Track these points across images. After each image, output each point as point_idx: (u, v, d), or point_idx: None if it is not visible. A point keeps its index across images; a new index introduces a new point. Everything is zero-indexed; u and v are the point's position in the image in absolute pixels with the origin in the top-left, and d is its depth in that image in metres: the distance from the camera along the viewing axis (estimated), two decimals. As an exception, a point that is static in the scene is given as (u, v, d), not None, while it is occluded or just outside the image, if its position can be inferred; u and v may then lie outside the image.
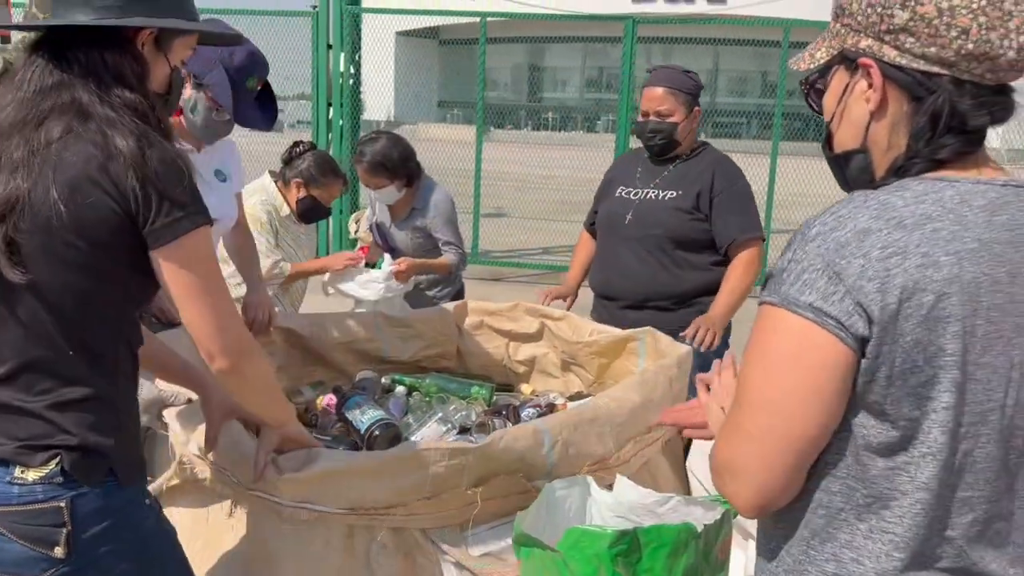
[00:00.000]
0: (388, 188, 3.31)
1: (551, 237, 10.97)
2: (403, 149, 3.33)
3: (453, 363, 2.90)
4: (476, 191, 8.56)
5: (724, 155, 2.94)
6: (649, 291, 2.90)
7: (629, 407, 1.91)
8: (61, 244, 1.29)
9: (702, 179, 2.84)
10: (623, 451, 1.88)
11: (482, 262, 8.63)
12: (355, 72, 8.03)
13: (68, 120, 1.30)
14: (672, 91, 2.80)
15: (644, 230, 2.88)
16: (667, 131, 2.82)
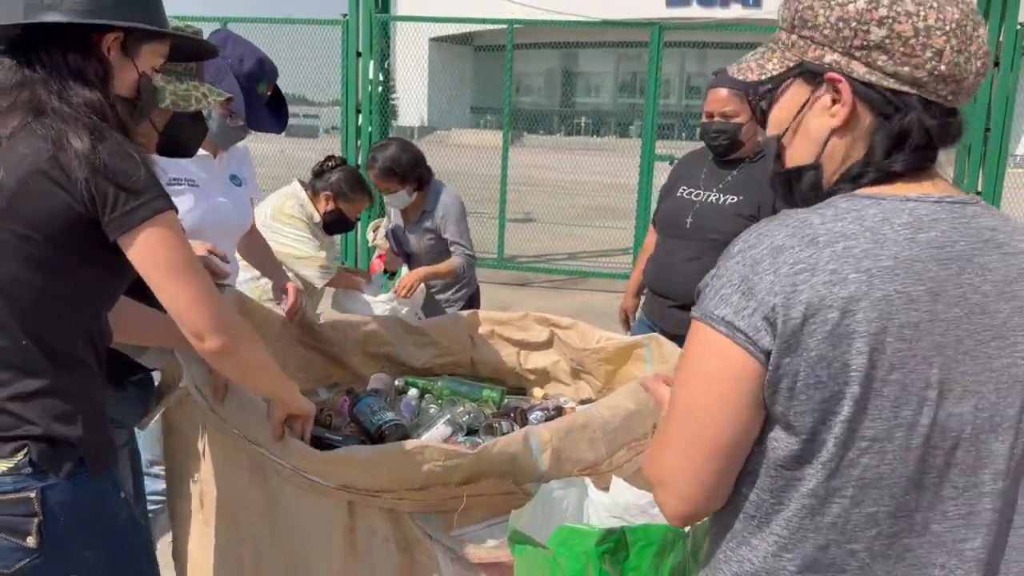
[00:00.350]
0: (399, 192, 3.45)
1: (578, 242, 11.01)
2: (412, 154, 3.47)
3: (466, 370, 2.97)
4: (502, 196, 8.63)
5: None
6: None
7: (623, 414, 1.96)
8: (13, 237, 1.32)
9: (765, 187, 2.88)
10: (615, 457, 1.94)
11: (508, 267, 8.70)
12: (384, 79, 8.14)
13: (23, 116, 1.33)
14: (737, 92, 2.79)
15: (703, 233, 2.90)
16: (731, 132, 2.83)
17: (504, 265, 8.58)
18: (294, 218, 3.23)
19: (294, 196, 3.30)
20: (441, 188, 3.59)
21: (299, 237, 3.23)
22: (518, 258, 9.66)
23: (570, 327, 2.87)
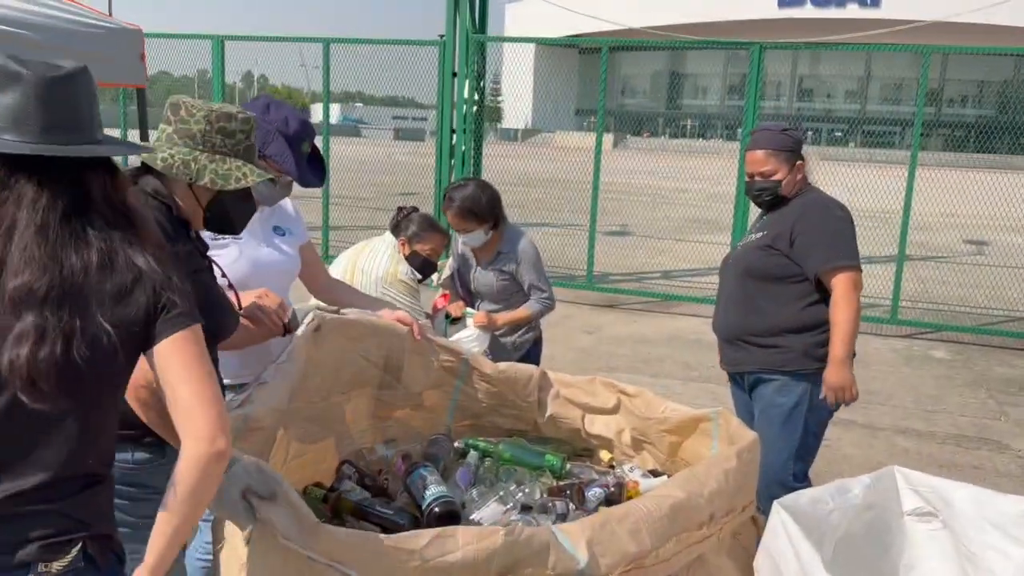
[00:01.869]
0: (476, 232, 3.49)
1: (674, 259, 10.79)
2: (491, 195, 3.50)
3: (529, 428, 2.94)
4: (593, 212, 8.48)
5: (820, 195, 3.12)
6: (738, 328, 3.17)
7: (669, 503, 1.90)
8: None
9: (787, 219, 3.05)
10: (662, 549, 1.87)
11: (597, 288, 8.58)
12: (479, 99, 8.18)
13: None
14: (772, 152, 3.05)
15: (736, 269, 3.20)
16: (772, 189, 3.08)
17: (593, 286, 8.47)
18: (407, 285, 3.41)
19: (403, 260, 3.45)
20: (517, 231, 3.62)
21: (412, 305, 3.38)
22: (610, 276, 9.54)
23: (636, 395, 2.79)
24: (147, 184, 1.90)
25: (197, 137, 1.90)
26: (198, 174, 1.87)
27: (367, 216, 12.72)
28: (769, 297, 3.08)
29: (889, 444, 4.95)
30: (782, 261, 3.03)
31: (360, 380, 2.66)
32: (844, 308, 2.92)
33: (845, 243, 2.99)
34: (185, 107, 1.91)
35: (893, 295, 7.66)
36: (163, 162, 1.86)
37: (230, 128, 1.93)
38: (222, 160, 1.92)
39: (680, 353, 6.65)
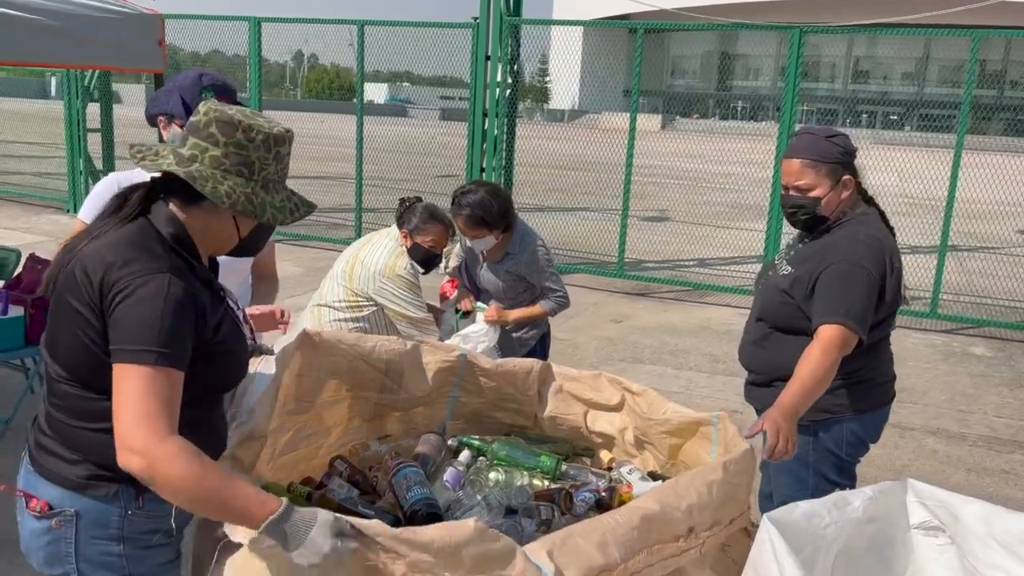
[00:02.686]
0: (487, 237, 3.40)
1: (712, 247, 10.62)
2: (502, 201, 3.40)
3: (529, 423, 2.89)
4: (625, 196, 8.34)
5: (855, 232, 2.58)
6: (748, 361, 2.87)
7: (640, 515, 1.85)
8: None
9: (813, 260, 2.60)
10: (632, 561, 1.81)
11: (628, 276, 8.47)
12: (512, 83, 8.10)
13: None
14: (811, 163, 2.55)
15: (758, 301, 2.83)
16: (809, 207, 2.58)
17: (623, 274, 8.35)
18: (405, 280, 3.31)
19: (404, 254, 3.36)
20: (527, 232, 3.52)
21: (411, 300, 3.32)
22: (643, 263, 9.42)
23: (640, 393, 2.72)
24: (163, 224, 1.70)
25: (255, 166, 1.70)
26: (260, 210, 1.69)
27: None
28: (777, 342, 2.72)
29: (917, 445, 4.80)
30: (794, 311, 2.62)
31: (361, 383, 2.64)
32: (819, 360, 2.41)
33: (852, 299, 2.48)
34: (243, 129, 1.67)
35: (934, 287, 7.43)
36: (228, 199, 1.65)
37: (283, 152, 1.76)
38: (275, 190, 1.75)
39: (708, 345, 6.53)
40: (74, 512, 1.67)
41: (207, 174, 1.65)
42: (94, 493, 1.67)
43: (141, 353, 1.50)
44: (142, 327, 1.52)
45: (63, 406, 1.68)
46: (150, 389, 1.48)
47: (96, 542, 1.69)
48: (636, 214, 13.15)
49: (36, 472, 1.71)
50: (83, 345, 1.59)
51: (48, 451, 1.70)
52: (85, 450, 1.66)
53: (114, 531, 1.69)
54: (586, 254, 9.25)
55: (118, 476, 1.60)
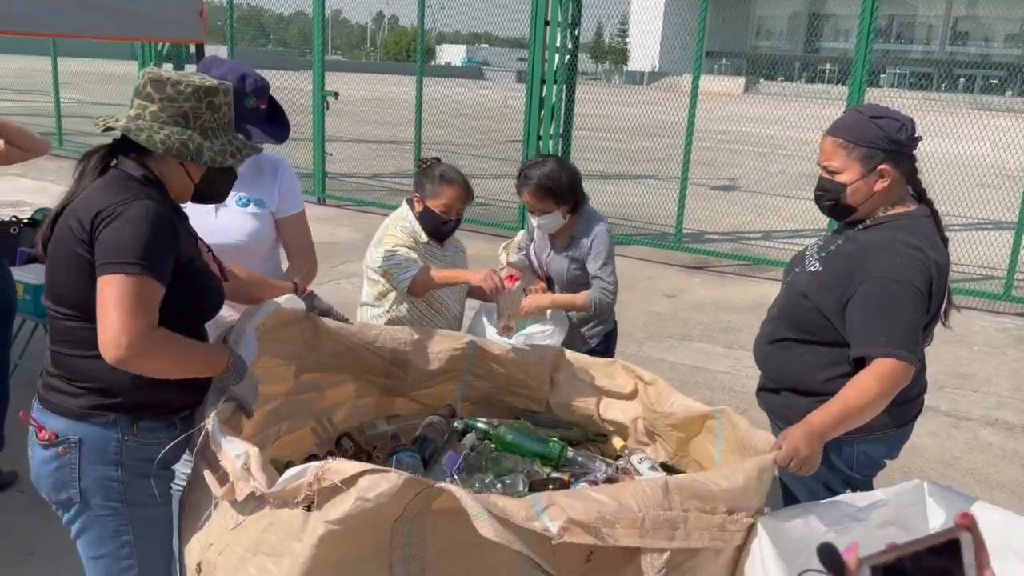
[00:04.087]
0: (553, 213, 3.20)
1: (780, 219, 10.31)
2: (571, 174, 3.20)
3: (541, 408, 2.86)
4: (685, 165, 8.09)
5: (891, 240, 2.27)
6: (759, 361, 2.62)
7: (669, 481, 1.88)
8: None
9: (846, 267, 2.31)
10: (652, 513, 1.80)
11: (685, 248, 8.28)
12: (572, 49, 7.94)
13: None
14: (843, 143, 2.29)
15: (780, 297, 2.54)
16: (833, 192, 2.33)
17: (681, 246, 8.16)
18: (393, 236, 3.00)
19: (402, 218, 3.09)
20: (594, 216, 3.30)
21: (393, 253, 2.98)
22: (705, 234, 9.20)
23: (651, 383, 2.66)
24: (132, 169, 1.89)
25: (188, 116, 1.88)
26: (197, 153, 1.88)
27: (469, 164, 12.72)
28: (789, 347, 2.45)
29: (972, 436, 4.59)
30: (817, 319, 2.35)
31: (366, 368, 2.64)
32: (859, 392, 2.15)
33: (903, 323, 2.18)
34: (171, 84, 1.87)
35: (1009, 267, 7.05)
36: (162, 144, 1.84)
37: (217, 102, 1.92)
38: (214, 136, 1.93)
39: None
40: (78, 439, 1.87)
41: (144, 126, 1.86)
42: (95, 421, 1.87)
43: (122, 264, 1.71)
44: (123, 243, 1.73)
45: (66, 340, 1.87)
46: (130, 293, 1.70)
47: (97, 467, 1.89)
48: (704, 182, 12.87)
49: (45, 408, 1.92)
50: (84, 281, 1.78)
51: (54, 388, 1.90)
52: (87, 378, 1.86)
53: (112, 456, 1.89)
54: (646, 224, 9.07)
55: (116, 405, 1.87)
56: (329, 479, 1.64)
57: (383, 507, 1.61)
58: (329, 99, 9.60)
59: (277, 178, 2.71)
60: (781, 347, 2.50)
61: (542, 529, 1.65)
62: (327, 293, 6.86)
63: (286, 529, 1.71)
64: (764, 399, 2.61)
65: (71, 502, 1.92)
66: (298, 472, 1.68)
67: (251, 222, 2.66)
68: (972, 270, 7.89)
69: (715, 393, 4.98)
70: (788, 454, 2.12)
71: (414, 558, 1.74)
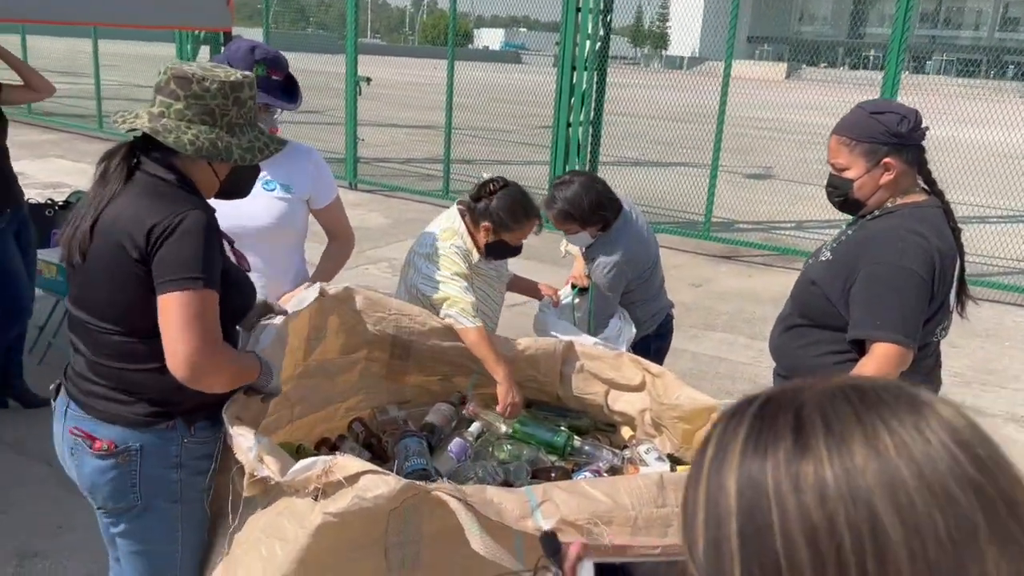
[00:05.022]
0: (581, 234, 3.17)
1: (814, 208, 10.15)
2: (595, 195, 3.10)
3: (552, 400, 2.89)
4: (715, 152, 7.97)
5: (896, 227, 2.33)
6: (774, 349, 2.67)
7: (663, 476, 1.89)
8: None
9: (850, 256, 2.39)
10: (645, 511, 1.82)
11: (714, 238, 8.22)
12: (604, 35, 7.91)
13: None
14: (846, 141, 2.36)
15: (794, 289, 2.60)
16: (841, 188, 2.41)
17: (709, 235, 8.10)
18: (448, 258, 2.84)
19: (454, 233, 2.88)
20: (615, 239, 3.15)
21: (445, 279, 2.82)
22: (736, 224, 9.13)
23: (659, 376, 2.68)
24: (162, 172, 1.84)
25: (215, 113, 1.84)
26: (227, 153, 1.85)
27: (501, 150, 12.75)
28: (801, 335, 2.52)
29: (995, 433, 4.51)
30: (825, 305, 2.41)
31: (374, 343, 2.69)
32: None
33: (900, 307, 2.25)
34: (197, 81, 1.82)
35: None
36: (192, 146, 1.80)
37: (243, 97, 1.89)
38: (240, 132, 1.90)
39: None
40: (139, 447, 1.87)
41: (171, 126, 1.81)
42: (155, 428, 1.88)
43: (187, 280, 1.71)
44: (185, 258, 1.72)
45: (111, 354, 1.84)
46: (197, 312, 1.71)
47: (159, 471, 1.90)
48: (738, 170, 12.76)
49: (92, 417, 1.88)
50: (131, 296, 1.77)
51: (100, 396, 1.87)
52: (139, 390, 1.85)
53: (174, 459, 1.91)
54: (676, 213, 9.03)
55: (173, 410, 1.88)
56: (335, 474, 1.70)
57: (380, 506, 1.66)
58: (362, 84, 9.66)
59: (310, 166, 2.77)
60: (793, 335, 2.55)
61: (535, 529, 1.68)
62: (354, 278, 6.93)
63: (295, 516, 1.77)
64: (775, 380, 2.65)
65: (132, 507, 1.93)
66: (309, 464, 1.73)
67: (277, 205, 2.70)
68: (1012, 264, 7.75)
69: (736, 383, 4.98)
70: None
71: (409, 543, 1.80)
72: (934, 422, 0.58)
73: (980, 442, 0.59)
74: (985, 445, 0.59)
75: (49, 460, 3.54)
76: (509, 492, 1.75)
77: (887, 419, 0.57)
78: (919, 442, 0.56)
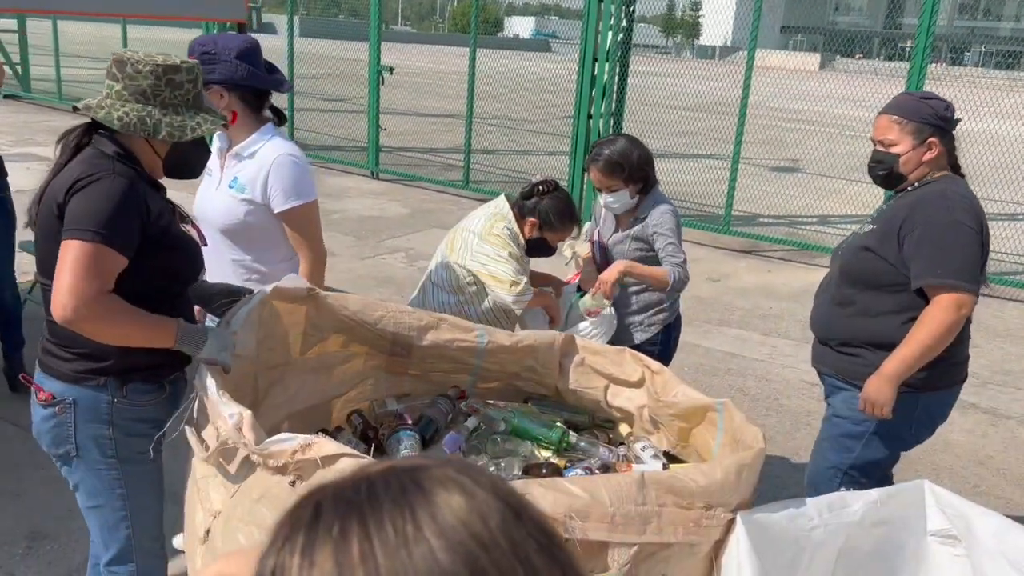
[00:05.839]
0: (622, 192, 3.16)
1: (839, 203, 10.05)
2: (642, 152, 3.17)
3: (551, 393, 2.90)
4: (736, 145, 7.87)
5: (948, 188, 2.60)
6: (825, 329, 2.85)
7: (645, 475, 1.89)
8: None
9: (898, 215, 2.62)
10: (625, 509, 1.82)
11: (734, 232, 8.14)
12: (627, 25, 7.85)
13: None
14: (898, 120, 2.64)
15: (836, 264, 2.83)
16: (888, 162, 2.66)
17: (729, 230, 8.03)
18: (500, 238, 3.05)
19: (503, 217, 3.11)
20: (660, 197, 3.25)
21: (500, 258, 3.05)
22: (759, 217, 9.05)
23: (658, 373, 2.68)
24: (105, 146, 1.99)
25: (148, 93, 1.98)
26: (155, 129, 1.98)
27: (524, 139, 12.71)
28: (863, 304, 2.68)
29: (1009, 435, 4.47)
30: (882, 266, 2.61)
31: (369, 343, 2.70)
32: (928, 327, 2.48)
33: (960, 256, 2.48)
34: (131, 63, 1.97)
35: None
36: (119, 121, 1.96)
37: (178, 80, 2.01)
38: (174, 112, 2.02)
39: (805, 311, 6.15)
40: (72, 400, 2.05)
41: (106, 104, 1.98)
42: (86, 384, 2.04)
43: (82, 231, 1.83)
44: (88, 212, 1.85)
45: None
46: (84, 260, 1.82)
47: (91, 425, 2.06)
48: (764, 163, 12.63)
49: (42, 371, 2.09)
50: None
51: (49, 353, 2.08)
52: (76, 345, 2.01)
53: (104, 416, 2.06)
54: (697, 206, 8.97)
55: (104, 369, 2.03)
56: (311, 453, 1.72)
57: None
58: (384, 73, 9.67)
59: (264, 170, 2.68)
60: (848, 306, 2.74)
61: None
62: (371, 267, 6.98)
63: (274, 503, 1.79)
64: (839, 364, 2.77)
65: (69, 456, 2.10)
66: (286, 438, 1.76)
67: (236, 206, 2.71)
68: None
69: (747, 380, 4.95)
70: (865, 407, 2.59)
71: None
72: (428, 527, 0.57)
73: (482, 542, 0.57)
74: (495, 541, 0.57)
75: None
76: None
77: (382, 521, 0.57)
78: (405, 550, 0.56)
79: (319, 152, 10.49)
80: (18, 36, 14.17)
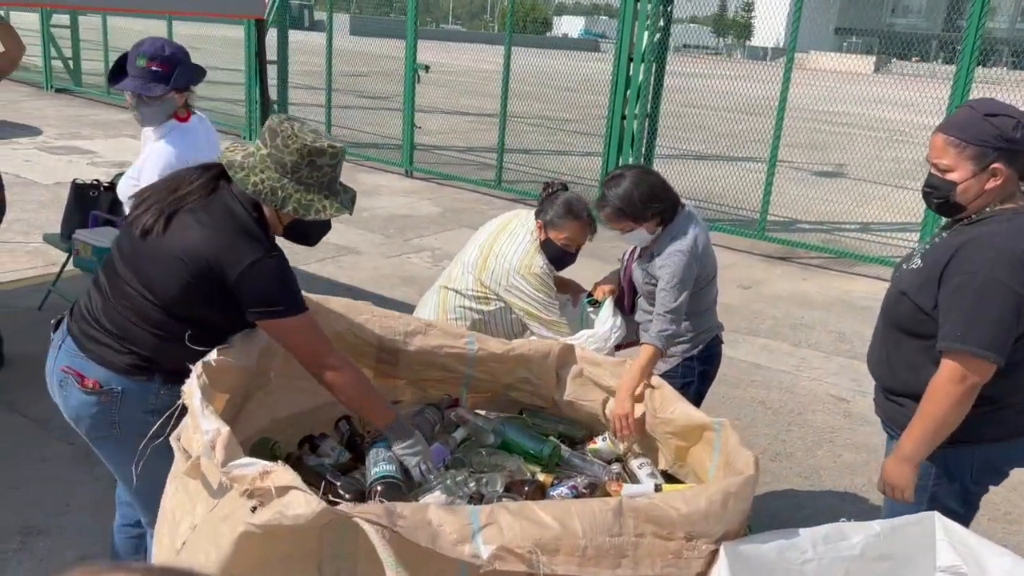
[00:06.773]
0: (637, 231, 2.96)
1: (884, 209, 9.74)
2: (647, 188, 2.91)
3: (547, 405, 2.80)
4: (774, 149, 7.63)
5: (992, 235, 2.19)
6: (874, 368, 2.53)
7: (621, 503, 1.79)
8: None
9: (943, 259, 2.25)
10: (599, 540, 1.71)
11: (769, 238, 7.90)
12: (664, 25, 7.70)
13: None
14: (955, 142, 2.21)
15: (885, 302, 2.47)
16: (942, 190, 2.25)
17: (764, 235, 7.81)
18: (539, 278, 3.07)
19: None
20: (681, 231, 2.94)
21: (542, 301, 3.09)
22: (796, 223, 8.80)
23: (658, 387, 2.57)
24: (242, 196, 2.12)
25: (288, 167, 2.09)
26: (283, 202, 2.10)
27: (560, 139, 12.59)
28: (907, 352, 2.37)
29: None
30: (920, 316, 2.28)
31: (355, 352, 2.62)
32: (934, 400, 2.20)
33: (987, 322, 2.13)
34: (283, 136, 2.08)
35: None
36: (254, 187, 2.08)
37: (319, 163, 2.11)
38: (306, 191, 2.12)
39: (838, 320, 6.05)
40: (121, 390, 2.16)
41: (247, 165, 2.10)
42: (135, 377, 2.16)
43: (286, 311, 2.08)
44: (281, 291, 2.08)
45: (134, 310, 2.13)
46: (308, 328, 2.13)
47: (136, 413, 2.17)
48: (807, 167, 12.33)
49: (85, 356, 2.17)
50: (183, 289, 2.06)
51: (99, 342, 2.16)
52: (138, 344, 2.14)
53: (151, 406, 2.17)
54: (734, 210, 8.77)
55: (155, 367, 2.16)
56: (268, 482, 1.65)
57: (300, 525, 1.60)
58: (420, 71, 9.63)
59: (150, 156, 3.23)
60: (893, 350, 2.42)
61: (471, 556, 1.58)
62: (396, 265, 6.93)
63: (234, 525, 1.72)
64: (886, 410, 2.49)
65: (108, 436, 2.22)
66: (248, 463, 1.69)
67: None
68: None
69: (771, 392, 4.78)
70: (884, 489, 2.36)
71: (345, 557, 1.73)
72: None
73: None
74: None
75: (71, 440, 3.62)
76: (451, 513, 1.66)
77: None
78: None
79: (354, 149, 10.49)
80: (71, 31, 14.44)
